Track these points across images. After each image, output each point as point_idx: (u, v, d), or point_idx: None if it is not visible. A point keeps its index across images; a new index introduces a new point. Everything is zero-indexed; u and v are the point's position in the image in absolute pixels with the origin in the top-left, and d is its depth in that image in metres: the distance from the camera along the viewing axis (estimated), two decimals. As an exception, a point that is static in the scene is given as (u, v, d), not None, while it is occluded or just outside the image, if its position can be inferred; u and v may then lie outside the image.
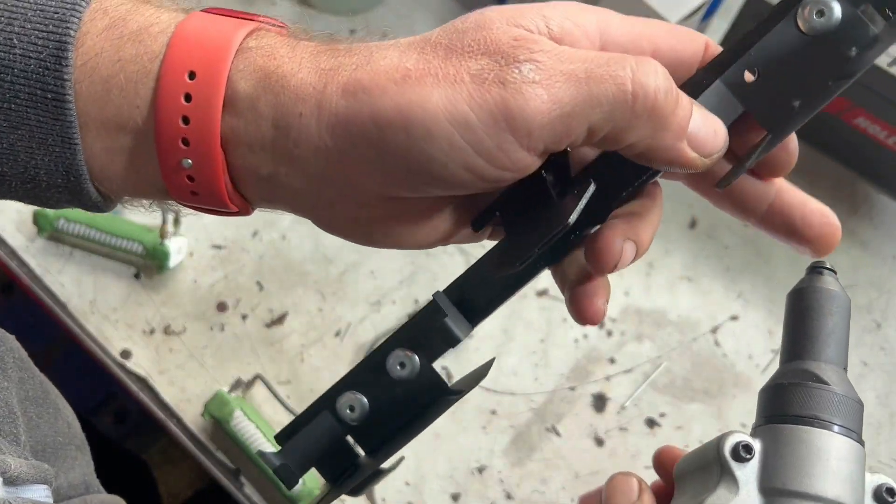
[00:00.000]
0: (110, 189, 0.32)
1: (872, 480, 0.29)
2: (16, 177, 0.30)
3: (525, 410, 0.65)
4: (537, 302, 0.68)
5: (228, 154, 0.30)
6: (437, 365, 0.67)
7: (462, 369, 0.66)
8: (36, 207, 0.65)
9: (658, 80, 0.27)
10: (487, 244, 0.38)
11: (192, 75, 0.28)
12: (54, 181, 0.30)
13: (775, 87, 0.29)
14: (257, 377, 0.64)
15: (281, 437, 0.36)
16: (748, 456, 0.29)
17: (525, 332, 0.67)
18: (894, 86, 0.63)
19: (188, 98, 0.29)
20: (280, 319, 0.67)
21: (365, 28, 0.77)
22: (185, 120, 0.29)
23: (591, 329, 0.67)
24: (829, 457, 0.28)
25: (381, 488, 0.62)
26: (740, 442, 0.29)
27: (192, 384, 0.65)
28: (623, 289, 0.69)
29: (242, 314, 0.67)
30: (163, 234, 0.64)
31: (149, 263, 0.67)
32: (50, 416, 0.44)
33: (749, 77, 0.30)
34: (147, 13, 0.30)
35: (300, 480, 0.59)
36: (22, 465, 0.34)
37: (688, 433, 0.65)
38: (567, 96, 0.26)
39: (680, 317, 0.68)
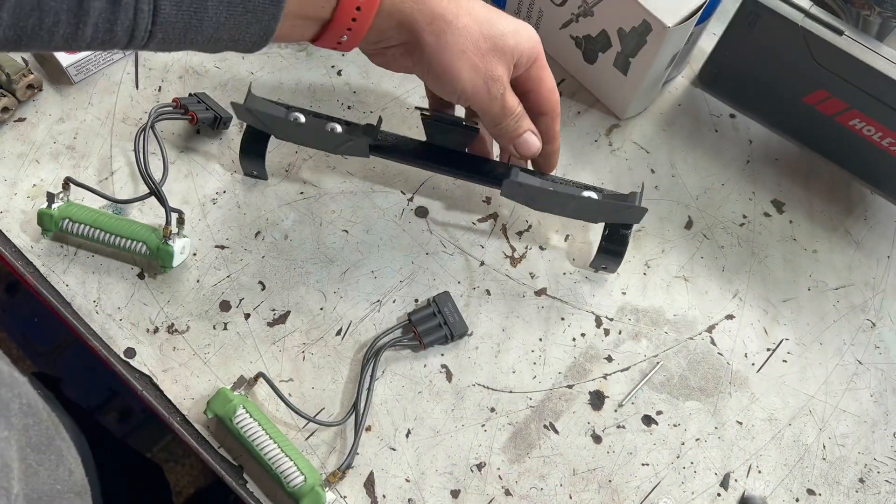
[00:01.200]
0: (276, 39, 0.51)
1: None
2: (233, 40, 0.49)
3: (524, 408, 0.66)
4: (535, 301, 0.69)
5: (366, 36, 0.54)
6: (437, 365, 0.68)
7: (461, 367, 0.67)
8: (40, 208, 0.66)
9: (510, 127, 0.63)
10: (486, 245, 0.39)
11: (358, 8, 0.52)
12: (251, 40, 0.49)
13: None
14: (260, 375, 0.64)
15: None
16: None
17: (523, 330, 0.68)
18: (889, 87, 0.63)
19: (359, 7, 0.52)
20: (282, 318, 0.68)
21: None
22: (355, 19, 0.52)
23: (589, 328, 0.68)
24: None
25: (380, 485, 0.63)
26: None
27: (195, 382, 0.65)
28: (620, 288, 0.70)
29: (245, 313, 0.67)
30: (166, 235, 0.65)
31: (153, 263, 0.68)
32: (51, 463, 0.44)
33: None
34: None
35: (302, 477, 0.60)
36: None
37: (684, 430, 0.65)
38: (494, 110, 0.59)
39: (676, 316, 0.69)
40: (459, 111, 0.66)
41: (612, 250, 0.67)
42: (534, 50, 0.57)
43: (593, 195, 0.64)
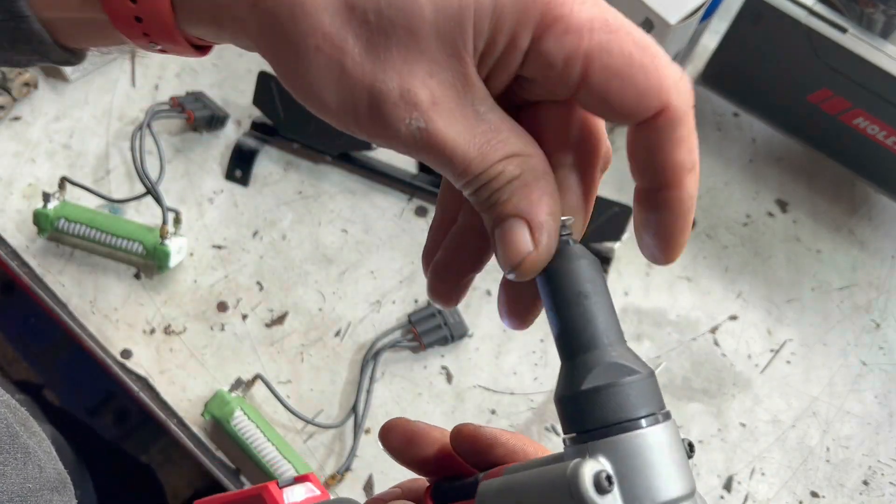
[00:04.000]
0: (67, 40, 0.33)
1: None
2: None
3: (525, 410, 0.65)
4: (537, 302, 0.68)
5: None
6: (437, 366, 0.67)
7: (462, 368, 0.66)
8: (36, 208, 0.65)
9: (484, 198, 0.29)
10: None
11: None
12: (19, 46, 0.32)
13: None
14: (257, 377, 0.64)
15: None
16: (610, 486, 0.24)
17: (524, 331, 0.67)
18: (893, 86, 0.63)
19: None
20: (280, 319, 0.67)
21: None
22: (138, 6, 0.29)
23: (590, 329, 0.68)
24: (672, 452, 0.26)
25: (380, 488, 0.62)
26: (601, 472, 0.24)
27: (192, 384, 0.65)
28: (622, 289, 0.69)
29: (243, 314, 0.67)
30: (163, 235, 0.64)
31: (149, 263, 0.67)
32: (18, 462, 0.43)
33: None
34: None
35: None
36: None
37: (687, 432, 0.65)
38: (429, 159, 0.28)
39: (679, 317, 0.68)
40: None
41: None
42: (558, 18, 0.26)
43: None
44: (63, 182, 0.67)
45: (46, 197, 0.66)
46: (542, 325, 0.69)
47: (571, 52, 0.26)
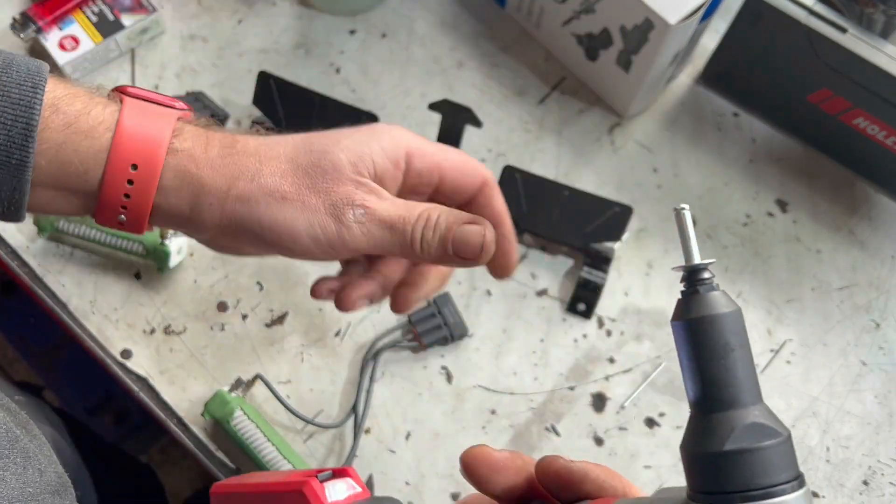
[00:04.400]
0: (34, 212, 0.42)
1: None
2: None
3: (525, 410, 0.65)
4: (537, 302, 0.68)
5: (152, 217, 0.42)
6: (437, 366, 0.67)
7: (461, 368, 0.66)
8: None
9: (429, 236, 0.42)
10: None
11: (134, 167, 0.40)
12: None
13: None
14: (257, 377, 0.64)
15: None
16: None
17: (525, 331, 0.67)
18: (893, 86, 0.63)
19: (131, 182, 0.40)
20: (280, 319, 0.67)
21: (365, 28, 0.77)
22: (127, 195, 0.40)
23: (590, 329, 0.67)
24: None
25: (380, 488, 0.62)
26: None
27: (192, 384, 0.65)
28: (622, 289, 0.69)
29: (243, 314, 0.67)
30: (163, 235, 0.64)
31: (149, 263, 0.67)
32: (17, 466, 0.43)
33: None
34: (94, 113, 0.40)
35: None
36: None
37: (687, 433, 0.65)
38: (378, 236, 0.42)
39: (679, 317, 0.68)
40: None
41: (585, 297, 0.68)
42: (421, 152, 0.44)
43: None
44: (63, 182, 0.67)
45: (46, 197, 0.66)
46: (543, 325, 0.68)
47: (431, 166, 0.44)
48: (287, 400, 0.63)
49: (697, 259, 0.27)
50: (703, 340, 0.27)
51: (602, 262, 0.68)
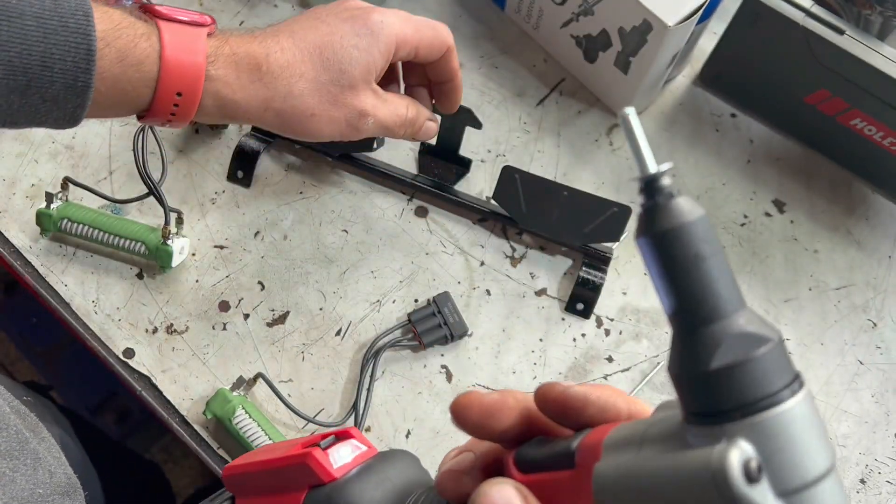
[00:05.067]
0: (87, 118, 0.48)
1: None
2: (35, 123, 0.46)
3: (524, 409, 0.65)
4: (536, 301, 0.68)
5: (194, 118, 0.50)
6: (437, 365, 0.68)
7: (461, 367, 0.66)
8: (39, 208, 0.66)
9: (409, 132, 0.60)
10: (486, 245, 0.39)
11: (179, 94, 0.48)
12: (57, 123, 0.47)
13: None
14: (259, 376, 0.64)
15: None
16: (760, 475, 0.21)
17: (524, 331, 0.68)
18: (890, 87, 0.63)
19: (176, 105, 0.48)
20: (281, 319, 0.67)
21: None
22: (172, 114, 0.49)
23: (589, 328, 0.68)
24: (814, 422, 0.23)
25: (381, 486, 0.63)
26: (749, 460, 0.21)
27: (194, 383, 0.65)
28: (621, 288, 0.70)
29: (244, 313, 0.67)
30: (165, 235, 0.65)
31: (151, 263, 0.68)
32: (27, 467, 0.43)
33: None
34: (140, 46, 0.46)
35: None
36: None
37: (685, 431, 0.65)
38: (379, 131, 0.56)
39: (677, 316, 0.69)
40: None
41: (584, 296, 0.68)
42: (405, 41, 0.54)
43: None
44: (66, 183, 0.68)
45: (49, 197, 0.66)
46: (542, 325, 0.69)
47: (410, 50, 0.55)
48: (288, 398, 0.64)
49: (653, 166, 0.25)
50: (671, 254, 0.24)
51: (601, 261, 0.68)
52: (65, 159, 0.71)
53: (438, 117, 0.62)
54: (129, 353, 0.66)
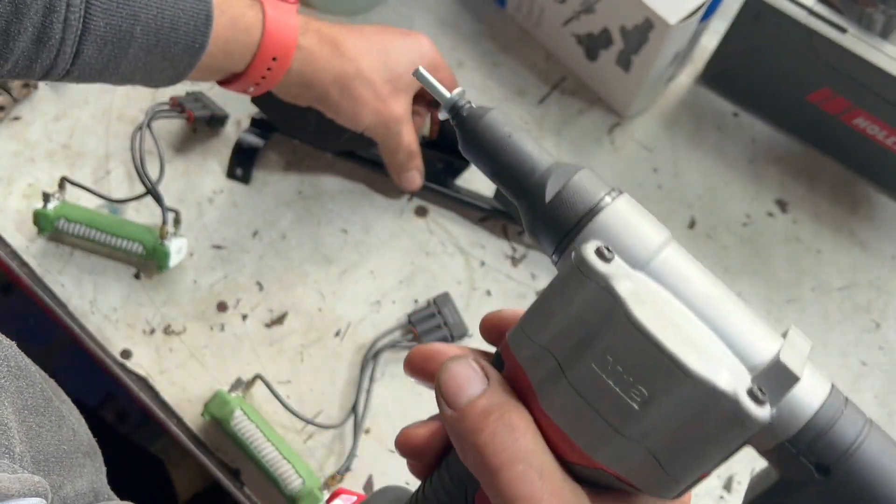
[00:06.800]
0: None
1: None
2: (145, 80, 0.54)
3: (524, 410, 0.65)
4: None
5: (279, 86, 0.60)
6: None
7: (462, 369, 0.66)
8: (35, 207, 0.65)
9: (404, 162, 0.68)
10: (487, 245, 0.38)
11: (273, 59, 0.57)
12: (162, 81, 0.55)
13: None
14: (257, 377, 0.64)
15: None
16: (611, 254, 0.27)
17: (524, 331, 0.67)
18: (893, 86, 0.63)
19: (269, 69, 0.57)
20: (280, 319, 0.67)
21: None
22: (263, 77, 0.57)
23: (590, 329, 0.67)
24: (640, 212, 0.29)
25: (380, 487, 0.62)
26: (599, 246, 0.27)
27: (192, 384, 0.65)
28: (622, 289, 0.69)
29: (242, 314, 0.67)
30: (163, 235, 0.64)
31: (149, 263, 0.67)
32: (53, 424, 0.43)
33: None
34: (248, 15, 0.55)
35: (300, 480, 0.59)
36: (10, 479, 0.33)
37: (687, 433, 0.65)
38: (391, 140, 0.65)
39: (679, 317, 0.68)
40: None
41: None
42: (435, 68, 0.64)
43: None
44: (63, 182, 0.67)
45: (46, 197, 0.66)
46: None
47: (440, 79, 0.53)
48: (287, 400, 0.63)
49: (448, 95, 0.31)
50: (483, 143, 0.30)
51: None
52: (62, 159, 0.71)
53: (424, 174, 0.68)
54: (127, 353, 0.65)
